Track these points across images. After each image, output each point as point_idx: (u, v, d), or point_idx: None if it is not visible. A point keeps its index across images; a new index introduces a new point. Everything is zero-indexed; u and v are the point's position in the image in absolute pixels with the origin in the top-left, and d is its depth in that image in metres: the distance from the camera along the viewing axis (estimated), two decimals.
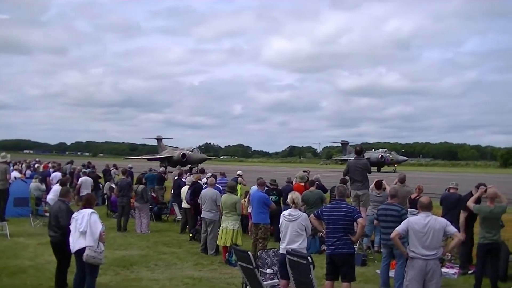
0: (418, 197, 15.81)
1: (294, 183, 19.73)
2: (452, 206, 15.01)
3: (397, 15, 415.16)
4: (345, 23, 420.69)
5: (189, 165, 66.28)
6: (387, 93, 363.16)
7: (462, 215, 13.96)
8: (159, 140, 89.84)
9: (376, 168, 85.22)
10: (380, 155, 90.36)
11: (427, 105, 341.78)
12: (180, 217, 21.64)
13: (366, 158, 73.30)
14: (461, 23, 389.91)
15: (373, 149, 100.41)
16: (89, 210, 10.54)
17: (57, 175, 27.79)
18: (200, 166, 63.58)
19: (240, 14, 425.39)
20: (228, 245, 14.78)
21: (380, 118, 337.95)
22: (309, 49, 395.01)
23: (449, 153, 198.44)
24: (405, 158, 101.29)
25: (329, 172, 52.43)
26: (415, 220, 9.71)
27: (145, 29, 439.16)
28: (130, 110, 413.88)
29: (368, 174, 17.14)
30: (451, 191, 15.62)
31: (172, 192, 23.80)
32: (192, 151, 73.39)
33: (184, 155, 71.44)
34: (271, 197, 16.72)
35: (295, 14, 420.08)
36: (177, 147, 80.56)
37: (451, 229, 9.65)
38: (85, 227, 10.30)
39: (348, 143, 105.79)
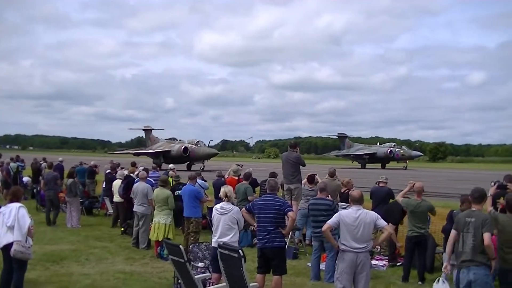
0: (347, 190, 16.08)
1: (226, 176, 19.78)
2: (381, 199, 15.35)
3: (329, 10, 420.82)
4: (278, 17, 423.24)
5: (191, 162, 61.18)
6: (319, 88, 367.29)
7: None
8: (148, 131, 75.81)
9: (380, 164, 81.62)
10: (389, 150, 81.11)
11: (359, 100, 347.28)
12: (112, 211, 21.43)
13: (372, 153, 75.90)
14: (392, 20, 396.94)
15: (378, 143, 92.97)
16: (17, 204, 10.32)
17: None
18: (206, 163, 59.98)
19: (173, 7, 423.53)
20: (160, 239, 14.73)
21: (313, 113, 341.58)
22: (242, 43, 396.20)
23: None
24: (419, 153, 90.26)
25: (261, 166, 52.42)
26: (346, 214, 9.84)
27: (76, 21, 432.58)
28: (61, 103, 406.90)
29: (302, 167, 17.27)
30: (381, 185, 15.93)
31: (103, 186, 23.54)
32: (196, 144, 61.36)
33: (186, 149, 60.26)
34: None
35: (227, 8, 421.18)
36: (174, 139, 69.01)
37: (381, 222, 9.82)
38: (13, 222, 10.08)
39: (347, 136, 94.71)
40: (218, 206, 10.91)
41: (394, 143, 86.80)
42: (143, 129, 76.82)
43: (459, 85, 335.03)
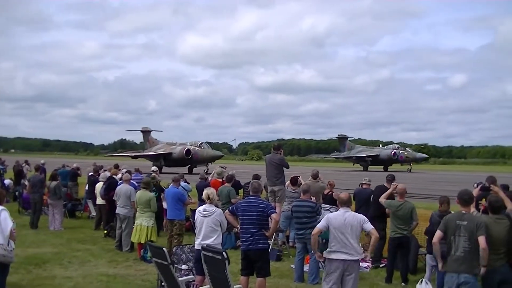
0: (330, 192, 16.14)
1: (210, 179, 19.77)
2: (364, 201, 15.42)
3: (312, 12, 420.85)
4: (260, 20, 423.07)
5: (193, 165, 58.65)
6: (302, 90, 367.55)
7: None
8: (146, 132, 73.03)
9: (383, 166, 79.00)
10: (392, 152, 78.67)
11: (342, 102, 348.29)
12: (95, 214, 21.35)
13: (375, 155, 73.42)
14: (374, 22, 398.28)
15: (380, 145, 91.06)
16: None
17: None
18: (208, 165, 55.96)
19: (156, 9, 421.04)
20: (142, 242, 14.70)
21: (296, 115, 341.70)
22: (225, 46, 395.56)
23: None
24: (423, 155, 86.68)
25: (245, 169, 52.42)
26: (335, 216, 9.85)
27: (58, 23, 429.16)
28: (43, 105, 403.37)
29: (285, 169, 17.29)
30: (364, 187, 16.00)
31: (86, 188, 23.45)
32: (199, 146, 58.85)
33: (188, 151, 57.74)
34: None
35: (211, 10, 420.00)
36: (175, 142, 65.55)
37: (368, 226, 9.79)
38: None
39: (347, 137, 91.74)
40: (201, 208, 10.88)
41: (397, 145, 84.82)
42: (141, 131, 74.15)
43: (442, 87, 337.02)
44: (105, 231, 18.59)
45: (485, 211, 9.80)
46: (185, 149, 58.02)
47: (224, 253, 9.03)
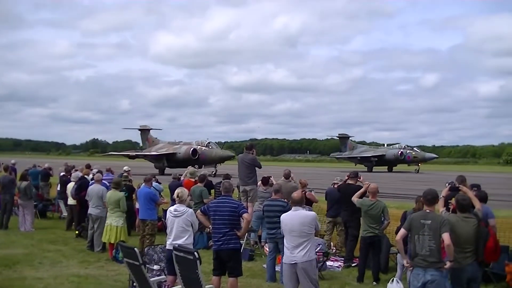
0: (303, 192, 16.20)
1: (182, 179, 19.76)
2: (335, 200, 15.52)
3: (285, 12, 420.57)
4: (233, 19, 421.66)
5: (199, 166, 52.05)
6: (275, 90, 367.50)
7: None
8: (145, 131, 68.71)
9: (387, 167, 77.71)
10: (400, 152, 75.23)
11: (314, 102, 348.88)
12: (66, 214, 21.20)
13: (381, 155, 70.67)
14: (346, 22, 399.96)
15: (385, 144, 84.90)
16: None
17: None
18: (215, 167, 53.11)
19: (128, 8, 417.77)
20: (112, 242, 14.66)
21: (269, 114, 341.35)
22: (198, 45, 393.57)
23: (335, 149, 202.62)
24: (433, 155, 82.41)
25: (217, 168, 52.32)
26: (284, 216, 10.07)
27: (29, 21, 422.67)
28: (14, 104, 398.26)
29: (258, 169, 17.33)
30: (335, 186, 16.07)
31: (58, 188, 23.27)
32: (207, 146, 55.46)
33: (195, 151, 54.71)
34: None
35: (183, 9, 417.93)
36: (179, 141, 61.69)
37: (318, 224, 10.07)
38: None
39: (349, 137, 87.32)
40: (172, 208, 10.90)
41: (405, 145, 79.37)
42: (139, 129, 69.94)
43: (413, 87, 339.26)
44: (77, 232, 18.47)
45: (454, 210, 9.92)
46: (191, 149, 55.18)
47: (195, 253, 9.04)
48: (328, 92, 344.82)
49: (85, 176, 19.85)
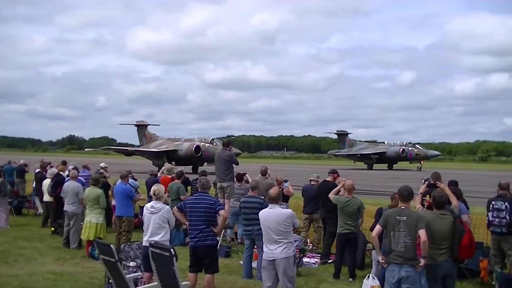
0: (280, 189, 16.22)
1: (159, 175, 19.72)
2: (311, 198, 15.59)
3: (263, 9, 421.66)
4: (211, 16, 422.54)
5: (202, 163, 51.56)
6: (253, 87, 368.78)
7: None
8: (142, 126, 65.45)
9: (387, 164, 76.09)
10: (401, 149, 73.69)
11: (292, 99, 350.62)
12: (42, 211, 21.05)
13: (382, 152, 69.67)
14: (324, 19, 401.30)
15: (385, 142, 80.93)
16: None
17: None
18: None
19: (106, 4, 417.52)
20: (91, 239, 14.57)
21: (246, 111, 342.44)
22: (175, 41, 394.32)
23: (313, 146, 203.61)
24: (435, 152, 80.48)
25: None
26: (262, 212, 10.15)
27: (5, 17, 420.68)
28: None
29: (235, 165, 17.34)
30: (312, 183, 16.11)
31: (33, 185, 23.10)
32: (210, 143, 52.61)
33: (198, 148, 52.08)
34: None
35: (161, 6, 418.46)
36: (179, 138, 59.24)
37: (296, 221, 10.11)
38: None
39: (348, 133, 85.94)
40: (148, 205, 10.87)
41: (406, 142, 77.66)
42: (136, 125, 66.51)
43: (390, 84, 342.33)
44: (52, 229, 18.36)
45: (429, 206, 10.00)
46: (194, 145, 52.57)
47: (172, 249, 9.02)
48: (305, 90, 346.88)
49: (61, 172, 19.72)
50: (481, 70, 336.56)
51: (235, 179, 16.87)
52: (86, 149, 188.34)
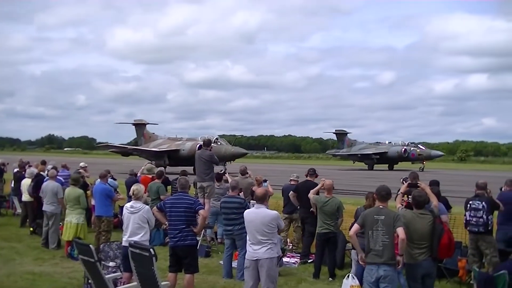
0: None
1: (139, 175, 19.68)
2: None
3: (243, 8, 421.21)
4: (191, 15, 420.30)
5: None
6: (233, 86, 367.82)
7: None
8: (140, 125, 62.40)
9: (388, 165, 72.76)
10: (403, 149, 70.86)
11: (272, 99, 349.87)
12: (20, 211, 20.91)
13: (383, 152, 67.32)
14: (305, 19, 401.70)
15: (386, 141, 77.56)
16: None
17: None
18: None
19: (86, 2, 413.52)
20: (71, 239, 14.50)
21: (226, 111, 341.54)
22: (156, 41, 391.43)
23: (293, 146, 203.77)
24: (439, 152, 78.00)
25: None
26: (247, 212, 10.19)
27: None
28: None
29: (215, 165, 17.36)
30: (292, 183, 16.13)
31: (12, 185, 22.94)
32: (215, 142, 46.59)
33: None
34: None
35: (141, 5, 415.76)
36: (181, 137, 56.20)
37: (281, 223, 10.16)
38: None
39: (347, 133, 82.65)
40: (128, 205, 10.88)
41: (408, 141, 74.17)
42: (134, 124, 63.69)
43: (370, 84, 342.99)
44: (31, 229, 18.24)
45: (408, 206, 10.07)
46: (198, 145, 46.31)
47: (151, 249, 9.02)
48: (285, 89, 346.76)
49: (41, 172, 19.60)
50: (460, 70, 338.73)
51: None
52: (65, 148, 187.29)
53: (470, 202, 12.11)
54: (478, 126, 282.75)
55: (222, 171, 19.41)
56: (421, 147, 73.93)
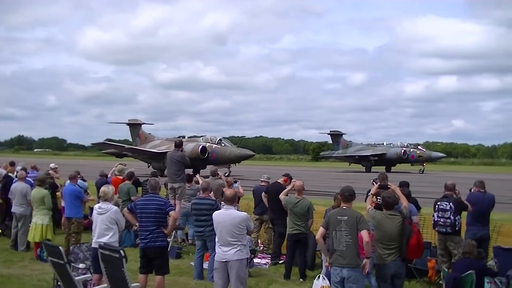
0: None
1: (110, 176, 19.59)
2: (261, 198, 15.63)
3: (215, 10, 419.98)
4: (163, 16, 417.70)
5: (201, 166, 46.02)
6: (204, 87, 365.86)
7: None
8: (135, 125, 59.59)
9: (385, 167, 67.93)
10: (402, 150, 69.09)
11: (243, 100, 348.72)
12: None
13: (382, 154, 65.86)
14: (276, 20, 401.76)
15: (384, 143, 76.01)
16: None
17: None
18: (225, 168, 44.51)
19: (56, 2, 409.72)
20: (37, 240, 14.39)
21: (197, 112, 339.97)
22: (126, 41, 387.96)
23: (264, 147, 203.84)
24: (440, 154, 76.97)
25: (145, 166, 51.36)
26: (217, 213, 10.23)
27: None
28: None
29: (186, 167, 17.33)
30: (262, 184, 16.18)
31: None
32: (218, 143, 47.49)
33: (204, 150, 46.69)
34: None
35: (112, 5, 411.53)
36: (180, 137, 49.86)
37: (250, 224, 10.23)
38: None
39: (342, 134, 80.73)
40: (96, 206, 10.86)
41: (408, 143, 72.57)
42: (128, 124, 60.78)
43: (341, 86, 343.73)
44: (0, 230, 18.06)
45: (377, 207, 10.18)
46: (200, 146, 46.99)
47: (121, 251, 9.00)
48: (257, 90, 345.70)
49: (10, 174, 19.41)
50: (430, 72, 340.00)
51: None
52: (35, 150, 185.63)
53: (438, 203, 12.25)
54: (448, 127, 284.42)
55: (227, 174, 19.26)
56: (421, 148, 72.65)
